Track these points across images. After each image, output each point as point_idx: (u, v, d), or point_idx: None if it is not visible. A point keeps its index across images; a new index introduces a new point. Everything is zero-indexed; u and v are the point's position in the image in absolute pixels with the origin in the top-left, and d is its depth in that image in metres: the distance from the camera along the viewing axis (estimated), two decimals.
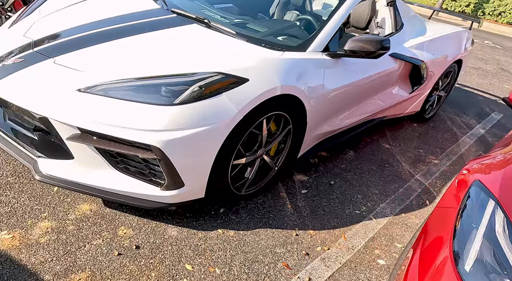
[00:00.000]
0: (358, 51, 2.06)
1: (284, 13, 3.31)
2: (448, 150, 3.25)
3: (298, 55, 1.96)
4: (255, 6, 3.30)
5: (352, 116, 2.60)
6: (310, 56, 2.02)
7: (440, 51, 3.15)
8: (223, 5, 3.06)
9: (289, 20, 2.62)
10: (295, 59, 1.90)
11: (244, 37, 2.02)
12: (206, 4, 2.61)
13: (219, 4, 3.01)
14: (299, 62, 1.92)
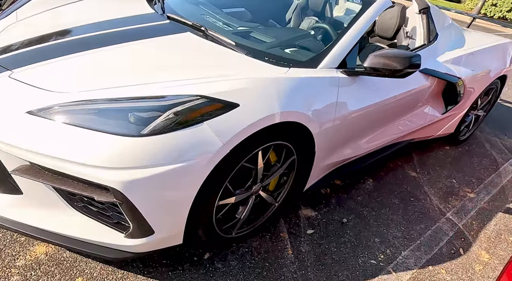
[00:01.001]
0: (381, 68, 1.70)
1: (301, 19, 2.99)
2: (486, 181, 2.79)
3: (306, 73, 1.63)
4: (270, 11, 3.00)
5: (372, 141, 2.23)
6: (322, 73, 1.68)
7: (480, 66, 2.71)
8: (235, 10, 2.78)
9: (302, 29, 2.29)
10: (302, 78, 1.57)
11: (244, 49, 1.71)
12: (213, 9, 2.33)
13: (230, 9, 2.73)
14: (307, 82, 1.59)
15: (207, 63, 1.52)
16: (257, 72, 1.52)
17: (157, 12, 2.01)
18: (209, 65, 1.50)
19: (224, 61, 1.57)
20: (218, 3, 2.64)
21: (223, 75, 1.42)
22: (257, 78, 1.43)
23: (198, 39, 1.73)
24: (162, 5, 2.12)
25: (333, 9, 3.25)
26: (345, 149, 2.01)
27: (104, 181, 1.14)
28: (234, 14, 2.63)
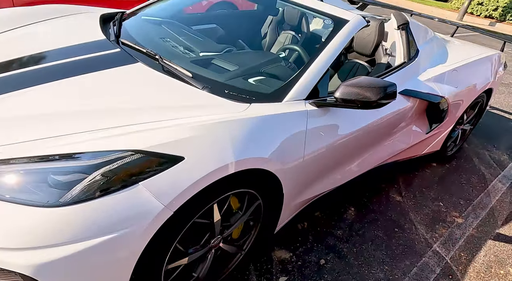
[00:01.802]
0: (353, 100, 1.53)
1: (278, 33, 2.83)
2: (475, 202, 2.64)
3: (269, 109, 1.45)
4: (243, 26, 2.83)
5: (350, 171, 2.06)
6: (287, 108, 1.51)
7: (464, 82, 2.57)
8: (205, 27, 2.60)
9: (270, 53, 2.12)
10: (262, 117, 1.39)
11: (202, 81, 1.53)
12: (178, 29, 2.15)
13: (200, 25, 2.56)
14: (269, 120, 1.41)
15: (152, 104, 1.33)
16: (211, 111, 1.34)
17: (108, 38, 1.82)
18: (154, 106, 1.31)
19: (173, 100, 1.39)
20: (187, 21, 2.47)
21: (168, 119, 1.24)
22: (208, 122, 1.25)
23: (148, 72, 1.54)
24: (117, 30, 1.94)
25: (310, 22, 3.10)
26: (320, 183, 1.84)
27: (10, 266, 0.95)
28: (203, 31, 2.47)
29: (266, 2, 2.44)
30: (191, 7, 2.97)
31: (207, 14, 2.99)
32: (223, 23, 2.66)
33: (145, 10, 2.31)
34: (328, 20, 1.90)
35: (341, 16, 1.89)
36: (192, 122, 1.22)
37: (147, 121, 1.20)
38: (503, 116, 4.53)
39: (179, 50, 1.87)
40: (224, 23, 2.69)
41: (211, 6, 3.58)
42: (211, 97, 1.44)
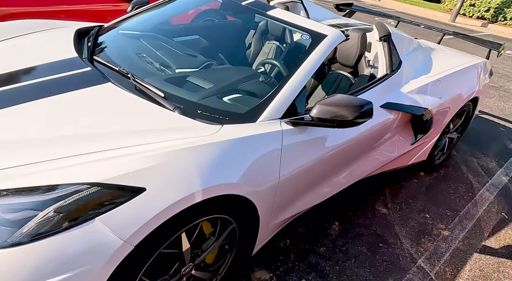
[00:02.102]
0: (329, 119, 1.50)
1: (262, 43, 2.79)
2: (462, 213, 2.61)
3: (241, 130, 1.41)
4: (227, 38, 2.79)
5: (333, 186, 2.03)
6: (261, 129, 1.47)
7: (449, 92, 2.54)
8: (188, 38, 2.56)
9: (248, 69, 2.07)
10: (234, 140, 1.35)
11: (174, 101, 1.49)
12: (156, 43, 2.10)
13: (182, 37, 2.52)
14: (241, 143, 1.37)
15: (116, 129, 1.28)
16: (179, 136, 1.29)
17: (81, 55, 1.77)
18: (118, 131, 1.26)
19: (140, 124, 1.34)
20: (169, 33, 2.43)
21: (132, 145, 1.19)
22: (173, 149, 1.20)
23: (117, 93, 1.49)
24: (91, 46, 1.89)
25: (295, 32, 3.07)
26: (300, 201, 1.80)
27: None
28: (187, 42, 2.43)
29: (245, 17, 2.40)
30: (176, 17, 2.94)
31: (191, 25, 2.95)
32: (206, 34, 2.61)
33: (124, 24, 2.27)
34: (305, 35, 1.86)
35: (319, 31, 1.86)
36: (156, 149, 1.18)
37: (107, 148, 1.15)
38: (493, 121, 4.52)
39: (155, 66, 1.83)
40: (208, 34, 2.65)
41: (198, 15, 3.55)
42: (182, 119, 1.40)
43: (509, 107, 5.13)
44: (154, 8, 2.44)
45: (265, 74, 2.07)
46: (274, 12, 2.00)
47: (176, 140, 1.25)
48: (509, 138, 4.05)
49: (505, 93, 5.75)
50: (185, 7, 2.62)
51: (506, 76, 6.95)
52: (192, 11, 3.59)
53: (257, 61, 2.69)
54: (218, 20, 3.56)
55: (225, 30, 2.96)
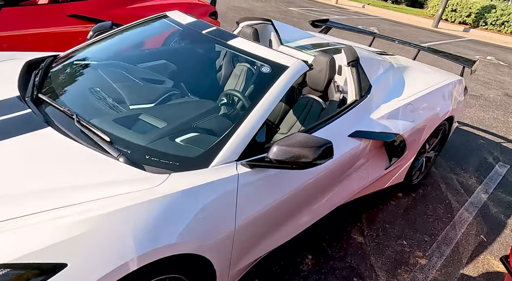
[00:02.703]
0: (288, 161, 1.41)
1: (233, 65, 2.71)
2: (440, 238, 2.55)
3: (189, 179, 1.31)
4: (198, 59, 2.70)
5: (300, 222, 1.94)
6: (214, 175, 1.37)
7: (421, 115, 2.49)
8: (153, 63, 2.46)
9: (209, 102, 1.97)
10: (180, 193, 1.25)
11: (121, 145, 1.39)
12: (119, 71, 2.00)
13: (148, 63, 2.41)
14: (188, 195, 1.27)
15: (43, 186, 1.15)
16: (118, 190, 1.19)
17: (23, 94, 1.65)
18: (44, 189, 1.14)
19: (74, 178, 1.22)
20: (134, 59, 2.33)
21: (55, 207, 1.07)
22: (105, 211, 1.09)
23: (56, 140, 1.38)
24: (39, 81, 1.77)
25: None
26: (263, 244, 1.70)
27: None
28: (153, 68, 2.33)
29: (206, 47, 2.32)
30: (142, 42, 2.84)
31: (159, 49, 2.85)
32: (174, 59, 2.52)
33: (82, 52, 2.16)
34: (266, 67, 1.78)
35: (281, 62, 1.78)
36: (83, 212, 1.07)
37: (23, 214, 1.04)
38: (473, 132, 4.50)
39: (107, 103, 1.72)
40: (176, 59, 2.55)
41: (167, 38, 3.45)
42: (124, 169, 1.30)
43: (489, 117, 5.13)
44: (117, 33, 2.34)
45: (229, 105, 1.98)
46: (235, 42, 1.92)
47: (112, 197, 1.15)
48: (488, 151, 4.03)
49: (485, 102, 5.77)
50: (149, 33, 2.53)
51: (487, 83, 7.00)
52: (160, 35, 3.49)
53: (228, 84, 2.61)
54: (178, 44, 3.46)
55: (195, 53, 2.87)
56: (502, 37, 14.52)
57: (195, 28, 2.07)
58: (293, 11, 12.08)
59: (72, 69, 2.00)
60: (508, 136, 4.57)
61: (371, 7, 17.41)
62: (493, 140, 4.38)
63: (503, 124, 4.96)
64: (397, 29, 12.67)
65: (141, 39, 2.37)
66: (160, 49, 2.70)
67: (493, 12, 15.07)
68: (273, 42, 2.93)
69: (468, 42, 12.51)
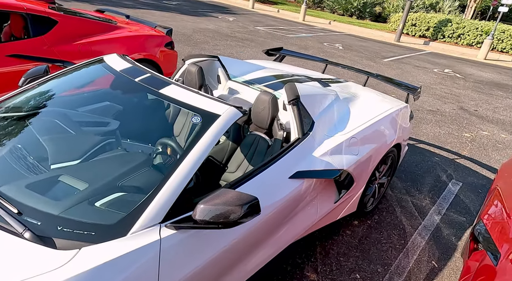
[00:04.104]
0: (213, 222, 1.37)
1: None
2: (392, 267, 2.56)
3: (102, 254, 1.23)
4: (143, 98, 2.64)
5: (244, 271, 1.88)
6: (131, 245, 1.30)
7: (366, 147, 2.53)
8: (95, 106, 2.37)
9: (141, 154, 1.91)
10: (88, 273, 1.17)
11: (28, 219, 1.30)
12: (52, 117, 1.92)
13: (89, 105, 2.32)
14: (98, 274, 1.19)
15: None
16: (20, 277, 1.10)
17: None
18: None
19: None
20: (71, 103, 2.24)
21: None
22: None
23: None
24: None
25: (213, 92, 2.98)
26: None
27: None
28: (95, 110, 2.25)
29: (138, 95, 2.27)
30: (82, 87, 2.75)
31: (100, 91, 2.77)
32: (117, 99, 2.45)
33: (10, 103, 2.06)
34: (196, 117, 1.75)
35: (212, 111, 1.75)
36: None
37: None
38: (428, 150, 4.64)
39: (27, 163, 1.62)
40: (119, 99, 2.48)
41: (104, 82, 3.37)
42: (25, 248, 1.21)
43: (444, 133, 5.32)
44: (52, 79, 2.26)
45: (164, 155, 1.93)
46: (167, 91, 1.89)
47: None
48: (442, 169, 4.15)
49: (442, 117, 5.99)
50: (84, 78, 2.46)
51: (444, 97, 7.29)
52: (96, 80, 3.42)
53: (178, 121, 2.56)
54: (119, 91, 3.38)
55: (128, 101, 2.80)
56: (459, 48, 15.34)
57: (128, 75, 2.03)
58: (260, 30, 12.28)
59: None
60: (462, 152, 4.74)
61: (337, 23, 18.00)
62: (447, 156, 4.52)
63: (457, 139, 5.15)
64: (362, 44, 13.11)
65: (76, 85, 2.29)
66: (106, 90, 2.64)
67: (449, 25, 15.92)
68: (221, 78, 2.92)
69: (428, 55, 13.10)
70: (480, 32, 15.48)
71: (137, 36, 4.12)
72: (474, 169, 4.26)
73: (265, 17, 16.59)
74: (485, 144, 5.13)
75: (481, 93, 8.19)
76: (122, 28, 4.19)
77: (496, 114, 6.65)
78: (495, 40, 14.96)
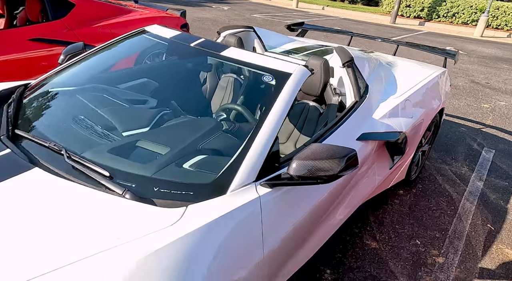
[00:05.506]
0: (311, 177, 1.28)
1: (218, 77, 2.57)
2: (450, 232, 2.51)
3: (211, 210, 1.15)
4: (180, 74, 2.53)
5: (320, 237, 1.81)
6: (235, 202, 1.22)
7: (419, 110, 2.46)
8: (134, 83, 2.26)
9: (210, 119, 1.82)
10: (204, 228, 1.09)
11: (124, 180, 1.21)
12: (100, 95, 1.81)
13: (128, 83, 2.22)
14: (213, 229, 1.11)
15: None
16: (134, 234, 1.01)
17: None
18: (50, 242, 0.96)
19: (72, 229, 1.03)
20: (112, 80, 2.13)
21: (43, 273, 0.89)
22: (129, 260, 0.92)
23: (45, 182, 1.18)
24: (12, 115, 1.55)
25: None
26: (287, 267, 1.56)
27: None
28: (134, 88, 2.14)
29: (196, 61, 2.16)
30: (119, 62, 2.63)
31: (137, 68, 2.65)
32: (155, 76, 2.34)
33: (56, 79, 1.94)
34: (268, 76, 1.66)
35: (282, 70, 1.66)
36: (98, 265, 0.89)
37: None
38: (453, 121, 4.60)
39: (97, 132, 1.52)
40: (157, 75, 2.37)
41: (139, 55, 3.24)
42: (133, 206, 1.12)
43: (463, 105, 5.29)
44: (92, 55, 2.14)
45: (229, 121, 1.83)
46: (228, 53, 1.78)
47: (128, 243, 0.97)
48: (471, 138, 4.12)
49: (457, 91, 5.97)
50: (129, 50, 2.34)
51: (453, 72, 7.27)
52: (142, 51, 3.28)
53: (216, 96, 2.47)
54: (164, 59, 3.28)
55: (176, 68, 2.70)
56: (455, 27, 15.34)
57: (182, 41, 1.91)
58: (257, 18, 12.11)
59: (49, 98, 1.78)
60: (485, 121, 4.71)
61: (330, 9, 17.86)
62: (473, 126, 4.49)
63: (477, 110, 5.12)
64: (359, 27, 13.03)
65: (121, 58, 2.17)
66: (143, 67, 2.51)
67: (444, 5, 15.89)
68: (257, 50, 2.82)
69: (426, 35, 13.08)
70: (475, 10, 15.49)
71: (154, 17, 3.97)
72: (502, 137, 4.24)
73: (259, 5, 16.39)
74: (506, 113, 5.12)
75: (488, 67, 8.19)
76: (135, 11, 4.05)
77: (508, 86, 6.64)
78: (490, 17, 15.00)
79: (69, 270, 0.92)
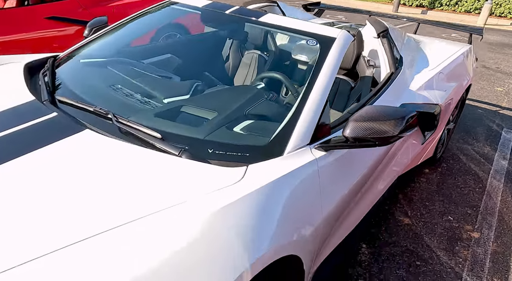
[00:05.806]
0: (369, 138, 1.23)
1: (241, 54, 2.50)
2: (481, 208, 2.47)
3: (271, 170, 1.10)
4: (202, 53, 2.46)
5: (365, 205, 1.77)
6: (293, 163, 1.16)
7: (451, 83, 2.40)
8: (158, 58, 2.20)
9: (249, 87, 1.75)
10: (270, 185, 1.03)
11: (177, 142, 1.16)
12: (130, 67, 1.75)
13: (152, 58, 2.16)
14: (277, 187, 1.06)
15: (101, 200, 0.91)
16: (201, 189, 0.96)
17: (39, 97, 1.37)
18: (104, 204, 0.89)
19: (143, 183, 0.98)
20: (136, 55, 2.06)
21: (127, 221, 0.84)
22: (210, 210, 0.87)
23: (99, 142, 1.12)
24: (50, 83, 1.49)
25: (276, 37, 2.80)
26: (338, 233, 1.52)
27: None
28: (160, 63, 2.08)
29: (232, 28, 2.09)
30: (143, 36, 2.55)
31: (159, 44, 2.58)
32: (178, 51, 2.27)
33: (83, 51, 1.87)
34: (312, 41, 1.59)
35: (326, 34, 1.59)
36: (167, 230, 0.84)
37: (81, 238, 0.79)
38: (469, 104, 4.55)
39: (137, 99, 1.46)
40: (180, 51, 2.31)
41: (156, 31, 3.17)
42: (193, 166, 1.06)
43: (477, 88, 5.23)
44: (117, 28, 2.06)
45: (267, 90, 1.77)
46: (267, 18, 1.71)
47: (199, 198, 0.92)
48: (489, 119, 4.07)
49: None
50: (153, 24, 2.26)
51: None
52: (173, 22, 3.19)
53: (239, 73, 2.40)
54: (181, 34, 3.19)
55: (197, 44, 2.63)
56: (458, 16, 15.21)
57: (216, 9, 1.84)
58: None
59: (81, 69, 1.72)
60: (501, 104, 4.66)
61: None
62: (489, 109, 4.44)
63: (492, 93, 5.07)
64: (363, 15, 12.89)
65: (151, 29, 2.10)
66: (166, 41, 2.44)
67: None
68: None
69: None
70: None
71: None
72: None
73: None
74: None
75: (496, 52, 8.13)
76: None
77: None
78: (493, 4, 14.87)
79: (135, 226, 0.86)
